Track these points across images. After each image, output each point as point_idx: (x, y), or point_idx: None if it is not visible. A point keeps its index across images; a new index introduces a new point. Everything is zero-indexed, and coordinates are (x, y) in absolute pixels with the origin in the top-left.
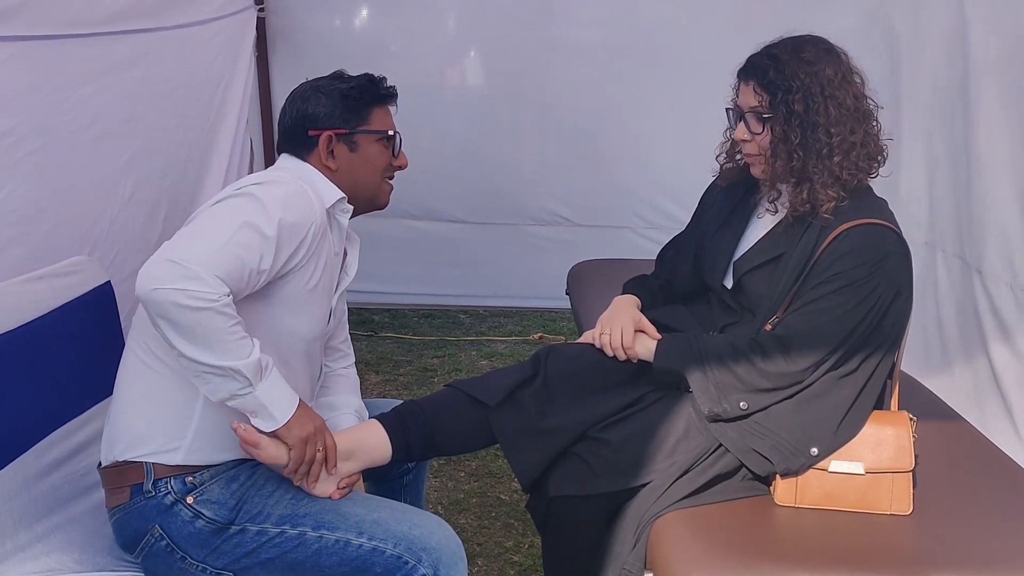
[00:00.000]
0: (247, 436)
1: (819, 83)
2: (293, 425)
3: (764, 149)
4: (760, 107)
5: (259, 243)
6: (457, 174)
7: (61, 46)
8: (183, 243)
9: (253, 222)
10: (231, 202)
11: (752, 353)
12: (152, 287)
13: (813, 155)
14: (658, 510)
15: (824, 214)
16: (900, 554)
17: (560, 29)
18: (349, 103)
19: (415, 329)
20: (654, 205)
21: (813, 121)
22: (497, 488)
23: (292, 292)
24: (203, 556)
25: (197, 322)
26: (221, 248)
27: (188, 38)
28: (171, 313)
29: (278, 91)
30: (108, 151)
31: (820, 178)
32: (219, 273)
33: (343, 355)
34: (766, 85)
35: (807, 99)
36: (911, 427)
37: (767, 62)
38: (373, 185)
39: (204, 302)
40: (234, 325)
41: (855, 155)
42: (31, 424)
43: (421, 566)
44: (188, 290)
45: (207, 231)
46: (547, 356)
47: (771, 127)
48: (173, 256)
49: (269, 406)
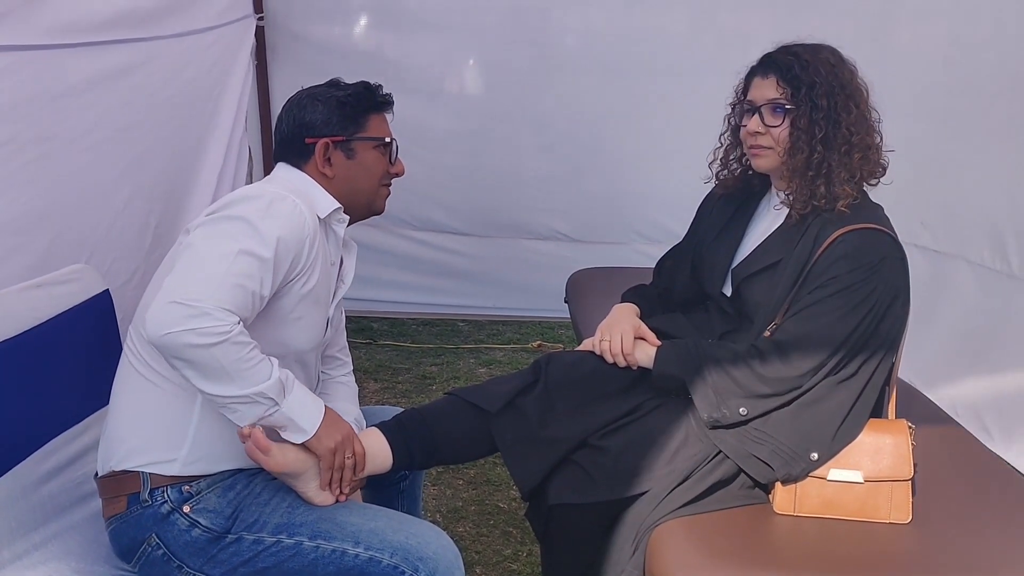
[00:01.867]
0: (259, 441)
1: (840, 82)
2: (322, 435)
3: (782, 142)
4: (782, 99)
5: (258, 268)
6: (455, 185)
7: (57, 56)
8: (183, 281)
9: (248, 248)
10: (224, 228)
11: (751, 358)
12: (162, 332)
13: (835, 150)
14: (657, 518)
15: (841, 208)
16: (899, 563)
17: (558, 40)
18: (346, 110)
19: (414, 337)
20: (653, 220)
21: (836, 118)
22: (496, 496)
23: (287, 304)
24: (199, 565)
25: (213, 357)
26: (221, 280)
27: (185, 47)
28: (186, 354)
29: (278, 100)
30: (106, 159)
31: (839, 173)
32: (226, 305)
33: (341, 363)
34: (790, 79)
35: (830, 95)
36: (910, 435)
37: (790, 58)
38: (370, 191)
39: (217, 336)
40: (251, 351)
41: (873, 155)
42: (29, 432)
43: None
44: (199, 328)
45: (205, 265)
46: (547, 363)
47: (793, 119)
48: (177, 297)
49: (297, 419)
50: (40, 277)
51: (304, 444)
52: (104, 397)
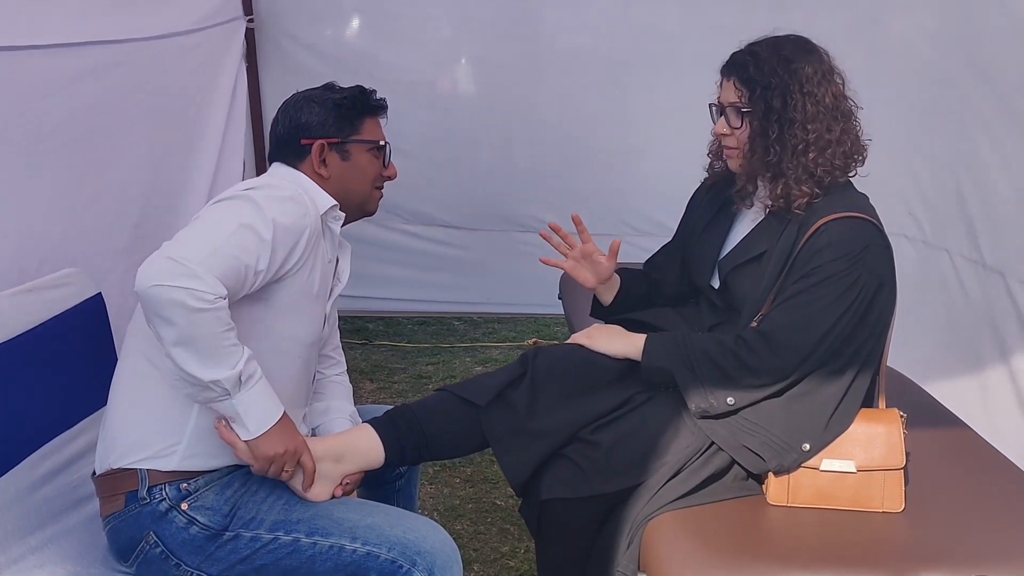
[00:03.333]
0: (224, 435)
1: (798, 80)
2: (263, 441)
3: (742, 143)
4: (739, 102)
5: (256, 245)
6: (448, 180)
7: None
8: (182, 242)
9: (250, 224)
10: (228, 203)
11: (738, 349)
12: (151, 283)
13: (789, 150)
14: (650, 511)
15: (796, 209)
16: (893, 552)
17: (550, 36)
18: (342, 112)
19: (410, 337)
20: (644, 214)
21: (790, 117)
22: (493, 494)
23: (293, 296)
24: (197, 563)
25: (192, 323)
26: (218, 248)
27: (165, 49)
28: (168, 310)
29: (268, 101)
30: (66, 161)
31: (795, 173)
32: (217, 273)
33: (335, 362)
34: (746, 81)
35: (785, 95)
36: (901, 424)
37: (748, 58)
38: (364, 193)
39: (202, 303)
40: (227, 331)
41: (830, 152)
42: (23, 437)
43: (416, 570)
44: (188, 288)
45: (205, 231)
46: (535, 355)
47: (749, 122)
48: (172, 254)
49: (244, 416)
50: (32, 282)
51: (246, 443)
52: (98, 400)
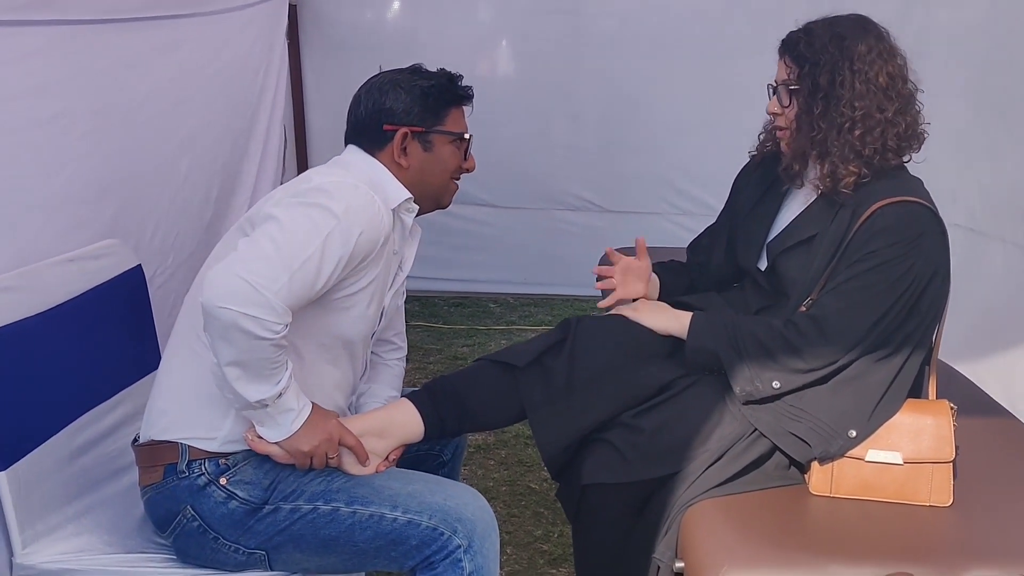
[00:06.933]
0: (258, 448)
1: (848, 57)
2: (296, 439)
3: (791, 122)
4: (789, 80)
5: (333, 264)
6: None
7: (102, 31)
8: (258, 258)
9: (332, 244)
10: (308, 214)
11: (787, 332)
12: (220, 304)
13: (835, 128)
14: (690, 498)
15: (843, 189)
16: (941, 546)
17: (589, 16)
18: (428, 101)
19: (445, 318)
20: (683, 191)
21: (837, 95)
22: (527, 477)
23: (342, 295)
24: (236, 537)
25: (252, 348)
26: (295, 273)
27: (223, 25)
28: (231, 333)
29: (309, 80)
30: (162, 133)
31: (840, 152)
32: (289, 302)
33: (396, 347)
34: (796, 58)
35: (833, 72)
36: (951, 416)
37: (801, 35)
38: (441, 185)
39: (269, 332)
40: (279, 355)
41: (880, 132)
42: (62, 406)
43: (456, 537)
44: (257, 318)
45: (285, 251)
46: (577, 322)
47: (797, 100)
48: (248, 276)
49: (277, 417)
50: (72, 252)
51: (279, 443)
52: (136, 372)
